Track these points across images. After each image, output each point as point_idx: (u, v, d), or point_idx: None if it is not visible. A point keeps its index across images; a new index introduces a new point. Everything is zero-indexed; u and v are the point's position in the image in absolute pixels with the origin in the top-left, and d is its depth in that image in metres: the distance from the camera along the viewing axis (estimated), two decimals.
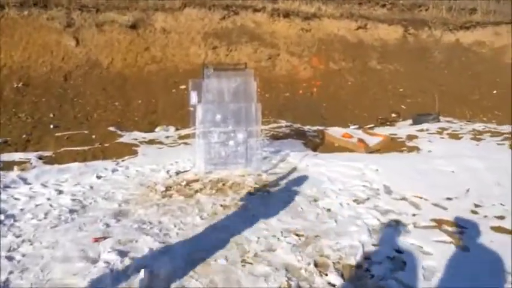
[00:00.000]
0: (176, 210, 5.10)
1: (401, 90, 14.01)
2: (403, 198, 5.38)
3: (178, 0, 16.43)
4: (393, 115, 12.57)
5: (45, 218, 4.78)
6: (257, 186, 5.96)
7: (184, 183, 6.17)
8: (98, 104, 12.92)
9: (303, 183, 6.08)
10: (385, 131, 10.90)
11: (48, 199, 5.48)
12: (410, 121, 11.78)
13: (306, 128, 11.03)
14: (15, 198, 5.49)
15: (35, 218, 4.77)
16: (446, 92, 13.74)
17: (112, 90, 13.70)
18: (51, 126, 11.23)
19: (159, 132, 11.23)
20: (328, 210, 5.05)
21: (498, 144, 9.04)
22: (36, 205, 5.23)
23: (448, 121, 11.31)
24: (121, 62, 14.74)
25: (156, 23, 15.84)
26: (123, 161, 8.16)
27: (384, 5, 18.37)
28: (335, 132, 10.25)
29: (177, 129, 11.72)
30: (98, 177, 6.65)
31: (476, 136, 9.69)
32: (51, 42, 14.60)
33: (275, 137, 9.74)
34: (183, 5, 16.42)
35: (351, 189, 5.81)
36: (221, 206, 5.18)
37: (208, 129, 6.69)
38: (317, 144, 9.60)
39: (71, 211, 5.04)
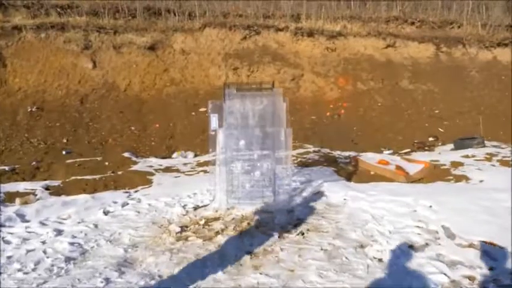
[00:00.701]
0: (193, 258, 4.19)
1: (437, 111, 12.94)
2: (471, 245, 4.33)
3: (198, 20, 15.94)
4: (431, 139, 11.48)
5: (34, 269, 3.94)
6: (289, 226, 5.00)
7: (202, 221, 5.27)
8: (114, 128, 12.29)
9: (343, 224, 5.09)
10: (425, 157, 9.82)
11: (43, 242, 4.65)
12: (451, 146, 10.67)
13: (336, 153, 10.06)
14: (6, 242, 4.68)
15: (22, 269, 3.93)
16: (488, 113, 12.60)
17: (129, 114, 13.09)
18: (64, 152, 10.59)
19: (177, 159, 10.44)
20: (380, 260, 4.05)
21: None
22: (28, 251, 4.40)
23: (494, 146, 10.16)
24: (139, 84, 14.19)
25: (175, 44, 15.33)
26: (135, 191, 7.36)
27: (412, 23, 17.48)
28: (369, 158, 9.24)
29: (196, 155, 10.92)
30: (105, 212, 5.83)
31: None
32: (68, 65, 14.20)
33: (303, 164, 8.80)
34: (203, 25, 15.91)
35: (403, 231, 4.79)
36: (247, 253, 4.25)
37: (230, 157, 5.82)
38: (350, 172, 8.60)
39: (67, 259, 4.19)
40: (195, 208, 5.97)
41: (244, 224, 5.12)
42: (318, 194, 6.45)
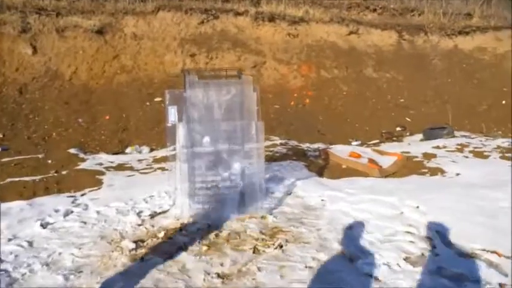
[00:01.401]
0: (151, 286, 3.40)
1: (402, 100, 12.69)
2: (473, 255, 3.83)
3: (151, 3, 14.73)
4: (398, 129, 11.18)
5: None
6: (264, 238, 4.30)
7: (162, 233, 4.45)
8: (58, 121, 11.01)
9: (325, 231, 4.46)
10: (395, 148, 9.46)
11: None
12: (420, 136, 10.40)
13: (305, 146, 9.48)
14: None
15: None
16: (452, 102, 12.49)
17: (75, 104, 11.80)
18: None
19: (130, 154, 9.43)
20: (376, 279, 3.45)
21: None
22: None
23: (464, 136, 9.98)
24: (86, 72, 12.86)
25: (126, 28, 14.06)
26: (82, 195, 6.37)
27: (374, 10, 17.16)
28: (340, 151, 8.72)
29: (151, 150, 9.96)
30: (44, 225, 4.86)
31: (505, 154, 8.33)
32: (4, 50, 12.60)
33: (271, 159, 8.11)
34: (157, 8, 14.72)
35: (394, 239, 4.23)
36: (219, 276, 3.50)
37: (192, 155, 5.00)
38: (321, 166, 8.04)
39: None
40: (152, 216, 5.12)
41: (212, 236, 4.36)
42: (292, 195, 5.79)
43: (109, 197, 6.04)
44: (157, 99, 12.37)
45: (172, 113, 5.03)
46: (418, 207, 5.01)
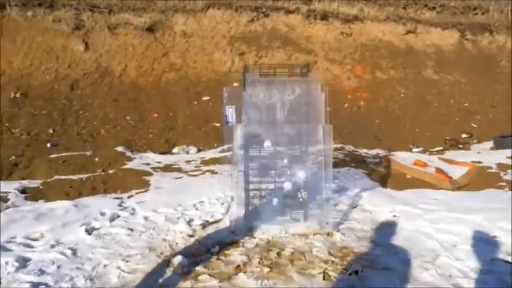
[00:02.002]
0: None
1: (466, 105, 11.64)
2: None
3: (201, 0, 14.46)
4: (464, 136, 10.19)
5: None
6: (334, 260, 3.71)
7: (216, 248, 3.97)
8: (107, 118, 10.91)
9: (407, 255, 3.81)
10: (463, 156, 8.54)
11: None
12: (489, 144, 9.40)
13: (363, 152, 8.77)
14: None
15: None
16: None
17: (124, 102, 11.69)
18: (48, 145, 9.22)
19: (178, 155, 9.10)
20: None
21: None
22: None
23: None
24: (135, 69, 12.77)
25: (175, 26, 13.88)
26: (129, 197, 6.06)
27: (433, 8, 16.03)
28: (403, 158, 7.95)
29: (199, 150, 9.60)
30: (89, 230, 4.53)
31: None
32: (57, 46, 12.75)
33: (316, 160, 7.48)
34: (207, 6, 14.44)
35: (494, 270, 3.51)
36: None
37: (250, 161, 4.50)
38: (383, 175, 7.33)
39: None
40: (204, 225, 4.66)
41: (273, 254, 3.83)
42: (359, 209, 5.15)
43: (157, 201, 5.67)
44: (205, 98, 12.05)
45: (230, 114, 4.56)
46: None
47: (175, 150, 9.49)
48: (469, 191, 6.64)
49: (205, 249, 3.97)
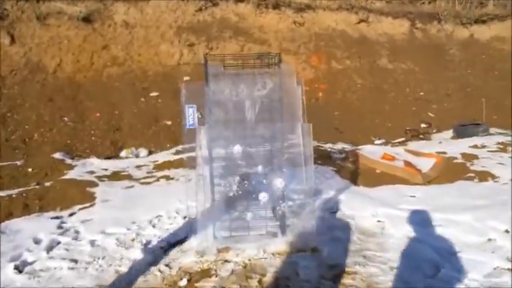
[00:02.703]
0: None
1: (422, 94, 11.62)
2: None
3: None
4: (423, 125, 10.10)
5: None
6: (325, 282, 3.14)
7: (184, 281, 3.26)
8: (41, 120, 9.65)
9: (405, 271, 3.31)
10: (426, 147, 8.37)
11: None
12: (449, 133, 9.34)
13: (327, 146, 8.33)
14: None
15: None
16: (475, 95, 11.46)
17: (60, 101, 10.43)
18: None
19: (127, 159, 8.16)
20: None
21: None
22: None
23: (500, 133, 8.94)
24: (72, 64, 11.47)
25: (116, 16, 12.67)
26: (70, 215, 5.14)
27: None
28: (370, 152, 7.60)
29: (150, 153, 8.71)
30: (19, 267, 3.62)
31: None
32: None
33: (293, 163, 6.93)
34: None
35: (498, 281, 3.11)
36: None
37: (218, 171, 3.82)
38: (352, 171, 6.92)
39: None
40: (166, 249, 3.92)
41: (254, 283, 3.19)
42: (339, 214, 4.63)
43: (105, 219, 4.81)
44: (153, 93, 11.09)
45: (190, 114, 3.81)
46: (508, 231, 3.89)
47: (123, 153, 8.53)
48: (440, 184, 6.38)
49: (169, 283, 3.24)
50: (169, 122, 10.32)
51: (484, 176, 6.55)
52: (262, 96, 3.84)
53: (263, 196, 3.69)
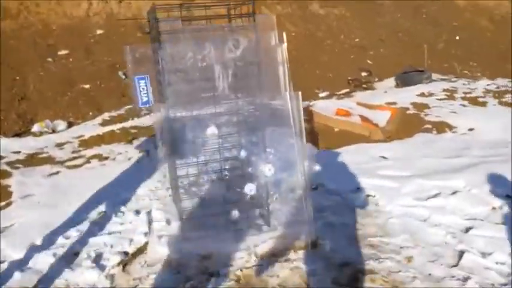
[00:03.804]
0: None
1: (357, 40, 11.28)
2: None
3: None
4: (364, 74, 9.82)
5: None
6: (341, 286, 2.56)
7: None
8: None
9: (424, 263, 2.85)
10: (370, 97, 8.11)
11: None
12: (391, 81, 9.16)
13: (274, 103, 7.61)
14: None
15: None
16: (408, 40, 11.43)
17: None
18: None
19: (42, 137, 6.75)
20: None
21: None
22: None
23: (443, 79, 8.94)
24: None
25: None
26: None
27: None
28: (323, 108, 7.11)
29: (70, 125, 7.35)
30: None
31: (502, 100, 7.44)
32: None
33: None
34: None
35: None
36: None
37: (189, 163, 2.96)
38: (310, 131, 6.37)
39: None
40: (124, 263, 3.04)
41: None
42: (323, 191, 4.04)
43: (31, 225, 3.74)
44: (63, 52, 9.42)
45: (142, 88, 2.83)
46: (509, 196, 3.62)
47: (35, 128, 7.07)
48: (401, 139, 6.11)
49: None
50: (87, 86, 8.88)
51: (441, 126, 6.43)
52: (236, 58, 2.96)
53: (250, 188, 2.93)
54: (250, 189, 2.92)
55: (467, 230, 3.20)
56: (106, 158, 5.41)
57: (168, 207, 3.64)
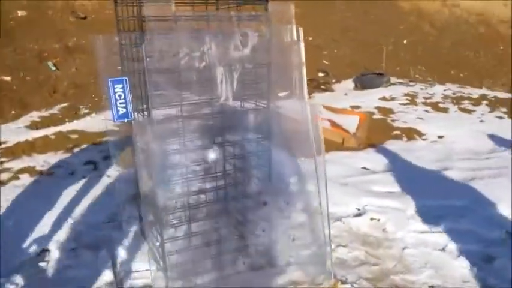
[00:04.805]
0: None
1: (311, 39, 10.90)
2: None
3: None
4: (321, 74, 9.46)
5: None
6: None
7: None
8: None
9: None
10: (330, 100, 7.77)
11: None
12: (348, 83, 8.91)
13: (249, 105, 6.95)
14: None
15: None
16: (359, 40, 11.31)
17: None
18: None
19: None
20: None
21: (498, 117, 6.98)
22: None
23: (400, 83, 8.84)
24: None
25: None
26: None
27: None
28: (291, 111, 6.53)
29: None
30: None
31: (460, 106, 7.47)
32: None
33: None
34: None
35: None
36: None
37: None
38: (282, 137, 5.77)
39: None
40: None
41: None
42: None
43: None
44: None
45: (119, 96, 2.04)
46: None
47: None
48: (374, 147, 5.77)
49: None
50: (7, 78, 7.54)
51: (410, 133, 6.20)
52: (244, 58, 2.28)
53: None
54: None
55: (490, 260, 2.83)
56: (40, 173, 4.37)
57: (140, 242, 2.87)
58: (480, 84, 9.90)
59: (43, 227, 3.22)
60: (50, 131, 5.54)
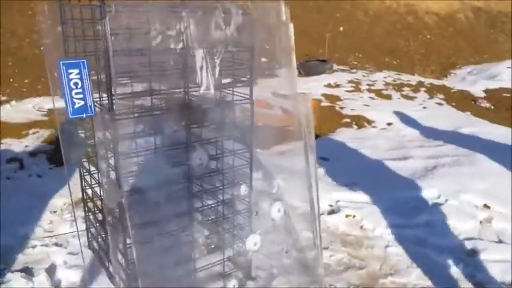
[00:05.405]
0: None
1: None
2: None
3: None
4: (264, 60, 9.16)
5: None
6: None
7: None
8: None
9: None
10: (281, 87, 7.54)
11: None
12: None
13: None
14: None
15: None
16: (298, 27, 11.15)
17: None
18: None
19: None
20: None
21: (438, 104, 7.24)
22: None
23: (342, 70, 8.83)
24: None
25: None
26: None
27: None
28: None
29: None
30: None
31: (402, 93, 7.64)
32: None
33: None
34: None
35: None
36: None
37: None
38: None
39: None
40: None
41: None
42: (296, 216, 3.21)
43: None
44: None
45: (74, 84, 1.56)
46: (486, 206, 3.36)
47: None
48: (327, 135, 5.66)
49: None
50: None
51: (359, 121, 6.18)
52: (226, 40, 1.91)
53: (254, 242, 1.93)
54: (254, 242, 1.93)
55: (472, 253, 2.78)
56: None
57: (87, 257, 2.39)
58: (412, 71, 10.30)
59: None
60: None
